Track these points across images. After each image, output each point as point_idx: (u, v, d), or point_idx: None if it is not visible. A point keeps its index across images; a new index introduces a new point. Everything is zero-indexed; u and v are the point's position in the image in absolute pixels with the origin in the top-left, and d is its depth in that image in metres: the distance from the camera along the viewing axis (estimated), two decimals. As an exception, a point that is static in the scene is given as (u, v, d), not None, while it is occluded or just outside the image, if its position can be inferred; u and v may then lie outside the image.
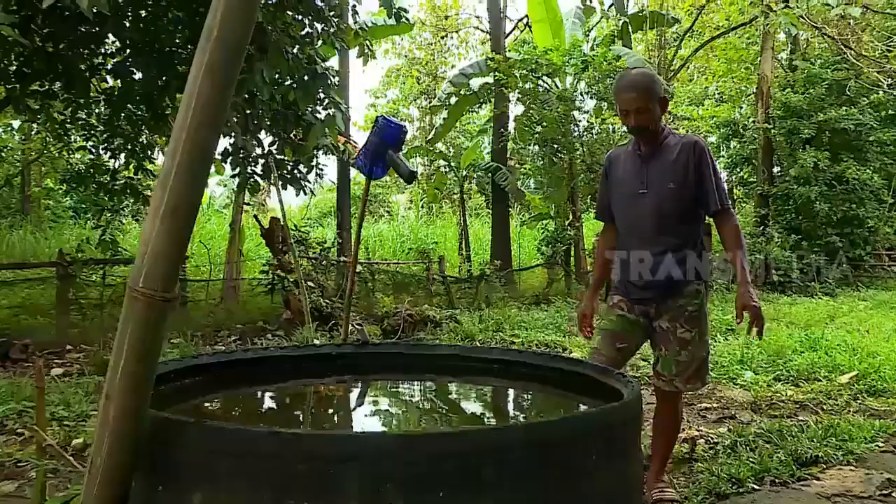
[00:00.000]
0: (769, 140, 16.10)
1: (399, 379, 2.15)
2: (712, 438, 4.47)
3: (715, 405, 5.45)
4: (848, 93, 15.62)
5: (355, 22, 8.42)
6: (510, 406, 2.09)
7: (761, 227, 15.43)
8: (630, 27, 14.43)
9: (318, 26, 7.64)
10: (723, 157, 19.74)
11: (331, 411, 2.06)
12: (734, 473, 3.67)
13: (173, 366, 1.79)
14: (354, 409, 2.06)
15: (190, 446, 1.30)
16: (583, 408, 1.85)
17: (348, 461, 1.24)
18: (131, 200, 10.03)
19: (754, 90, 17.65)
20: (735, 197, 21.91)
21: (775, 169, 16.68)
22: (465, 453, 1.26)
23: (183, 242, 1.21)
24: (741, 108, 21.20)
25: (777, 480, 3.65)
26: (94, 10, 4.95)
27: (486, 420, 1.98)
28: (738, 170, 18.54)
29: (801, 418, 4.90)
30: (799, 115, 15.65)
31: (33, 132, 15.24)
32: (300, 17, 7.42)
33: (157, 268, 1.19)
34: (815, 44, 18.17)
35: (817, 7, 12.69)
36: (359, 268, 10.70)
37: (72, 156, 12.61)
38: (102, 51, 8.02)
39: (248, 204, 12.72)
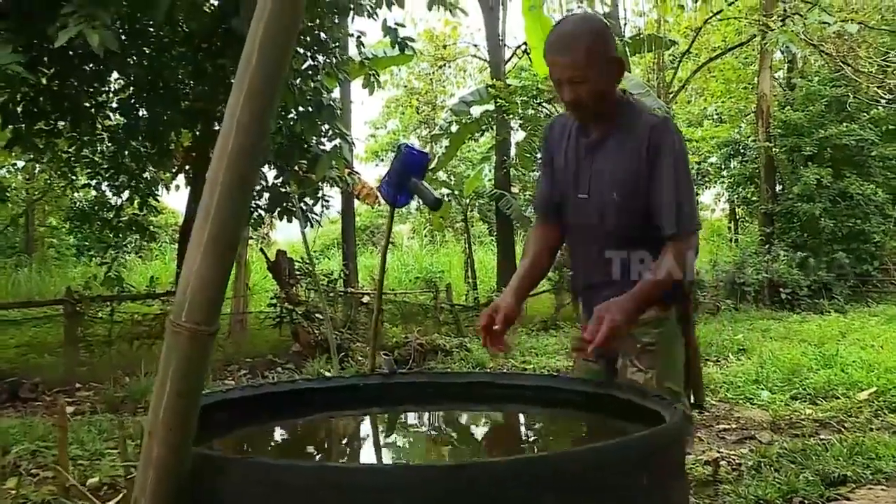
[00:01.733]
0: (771, 158, 16.12)
1: (433, 408, 2.12)
2: (734, 460, 4.42)
3: (733, 426, 5.40)
4: (847, 109, 15.67)
5: (360, 53, 8.49)
6: (550, 432, 2.05)
7: (766, 246, 15.39)
8: (628, 50, 14.52)
9: (321, 58, 7.71)
10: (724, 177, 19.76)
11: (367, 443, 2.03)
12: (761, 495, 3.61)
13: (204, 400, 1.76)
14: (390, 439, 2.02)
15: (230, 482, 1.27)
16: (622, 432, 1.82)
17: (393, 493, 1.20)
18: (136, 237, 10.07)
19: (753, 109, 17.73)
20: (738, 216, 21.91)
21: (778, 187, 16.69)
22: (507, 482, 1.22)
23: (225, 273, 1.19)
24: (741, 127, 21.27)
25: (806, 501, 3.59)
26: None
27: (522, 448, 1.95)
28: (741, 189, 18.56)
29: (822, 437, 4.84)
30: (799, 132, 15.69)
31: (37, 171, 15.34)
32: (303, 50, 7.48)
33: (199, 300, 1.17)
34: (812, 61, 18.27)
35: (814, 25, 12.81)
36: (367, 298, 10.65)
37: (76, 193, 12.69)
38: (107, 88, 8.10)
39: (251, 237, 12.74)
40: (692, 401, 2.37)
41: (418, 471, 1.36)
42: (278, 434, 2.05)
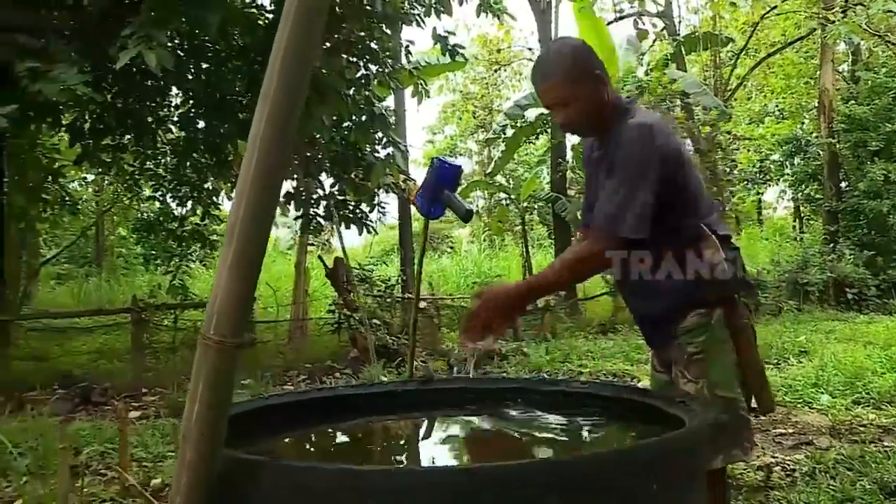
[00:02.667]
0: (835, 154, 15.67)
1: (463, 413, 2.18)
2: (789, 465, 4.33)
3: (790, 430, 5.28)
4: (918, 101, 15.17)
5: (409, 62, 8.60)
6: (571, 437, 2.08)
7: (831, 245, 14.97)
8: (684, 49, 14.33)
9: (373, 68, 7.84)
10: (787, 174, 19.30)
11: (400, 448, 2.10)
12: (813, 502, 3.54)
13: (245, 406, 1.85)
14: (422, 445, 2.09)
15: (263, 485, 1.34)
16: (636, 436, 1.85)
17: (405, 494, 1.26)
18: (198, 246, 10.39)
19: (816, 105, 17.28)
20: (802, 214, 21.36)
21: (843, 184, 16.22)
22: (513, 485, 1.26)
23: (250, 287, 1.26)
24: (803, 123, 20.74)
25: (861, 510, 3.51)
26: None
27: (546, 452, 1.99)
28: (804, 186, 18.11)
29: (885, 444, 4.67)
30: (864, 127, 15.23)
31: (105, 184, 15.92)
32: (355, 60, 7.62)
33: (226, 314, 1.25)
34: (879, 52, 17.71)
35: (878, 15, 12.45)
36: (423, 304, 10.75)
37: (142, 205, 13.15)
38: (168, 103, 8.39)
39: (311, 244, 12.97)
40: (752, 406, 2.32)
41: (429, 474, 1.42)
42: (314, 438, 2.13)
